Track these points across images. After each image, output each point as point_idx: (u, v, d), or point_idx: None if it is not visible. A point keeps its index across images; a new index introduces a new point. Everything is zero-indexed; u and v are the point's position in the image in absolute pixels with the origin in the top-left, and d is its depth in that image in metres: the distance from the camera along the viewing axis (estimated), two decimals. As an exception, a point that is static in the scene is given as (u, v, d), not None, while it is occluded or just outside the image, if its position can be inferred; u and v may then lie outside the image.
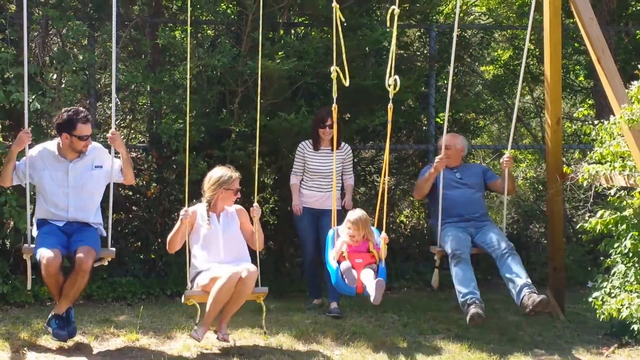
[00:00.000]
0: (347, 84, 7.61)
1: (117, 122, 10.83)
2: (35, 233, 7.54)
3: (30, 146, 7.53)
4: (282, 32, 9.96)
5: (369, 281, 7.50)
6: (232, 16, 10.19)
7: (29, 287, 7.68)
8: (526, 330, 8.32)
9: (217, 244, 7.63)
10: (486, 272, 10.25)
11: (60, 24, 9.50)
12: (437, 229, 8.57)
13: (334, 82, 7.62)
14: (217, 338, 7.49)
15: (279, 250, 10.37)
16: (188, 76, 7.94)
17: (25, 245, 7.53)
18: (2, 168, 7.52)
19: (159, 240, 9.91)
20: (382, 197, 7.93)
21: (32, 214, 7.64)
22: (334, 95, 7.66)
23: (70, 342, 7.53)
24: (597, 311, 7.30)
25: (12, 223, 9.28)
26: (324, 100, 10.02)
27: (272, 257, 10.27)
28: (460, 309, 8.01)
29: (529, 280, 7.92)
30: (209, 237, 7.63)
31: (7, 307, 8.89)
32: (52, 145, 7.62)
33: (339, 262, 7.68)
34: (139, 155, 10.51)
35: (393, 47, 7.60)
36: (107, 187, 7.76)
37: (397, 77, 7.55)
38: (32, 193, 7.63)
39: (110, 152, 7.68)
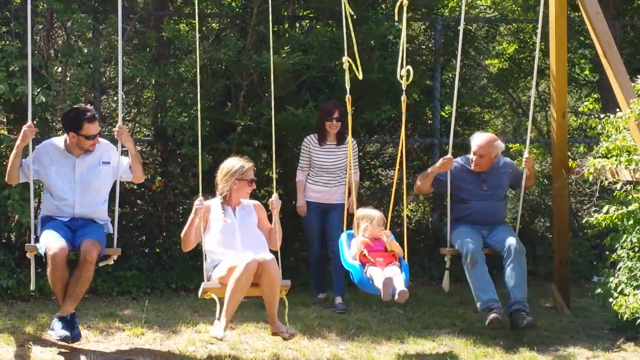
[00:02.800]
0: (360, 76, 7.41)
1: (122, 116, 10.85)
2: (39, 232, 7.39)
3: (36, 141, 7.51)
4: (287, 25, 9.93)
5: (397, 280, 7.25)
6: (237, 9, 10.17)
7: (32, 287, 7.48)
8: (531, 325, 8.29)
9: (234, 238, 7.20)
10: (490, 266, 10.22)
11: (65, 16, 9.49)
12: (446, 228, 8.36)
13: (347, 72, 7.42)
14: (284, 338, 7.08)
15: (284, 244, 10.28)
16: (198, 67, 7.70)
17: (29, 244, 7.33)
18: (9, 164, 7.38)
19: (164, 234, 9.92)
20: (395, 193, 8.02)
21: (36, 209, 7.62)
22: (347, 86, 7.41)
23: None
24: (618, 310, 7.23)
25: (16, 217, 9.28)
26: (329, 94, 10.02)
27: (276, 252, 10.24)
28: (480, 313, 7.93)
29: (525, 296, 7.86)
30: (225, 232, 7.22)
31: (12, 301, 8.90)
32: (59, 140, 7.53)
33: (361, 262, 7.41)
34: (143, 149, 10.50)
35: (403, 39, 7.46)
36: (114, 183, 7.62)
37: (409, 67, 7.37)
38: (36, 187, 7.63)
39: (117, 148, 7.56)
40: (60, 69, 9.61)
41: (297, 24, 10.71)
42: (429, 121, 10.93)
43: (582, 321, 8.52)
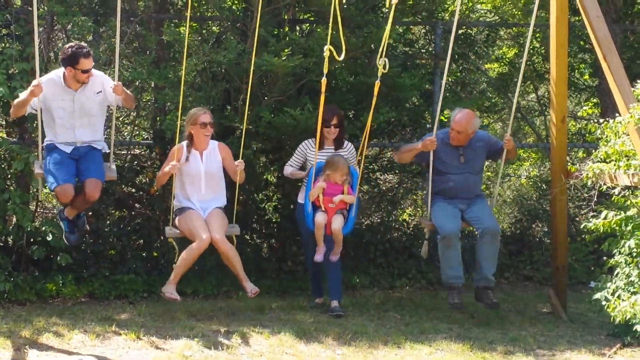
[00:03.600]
0: (341, 58, 7.57)
1: (121, 119, 10.87)
2: (45, 158, 8.09)
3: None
4: (287, 28, 9.93)
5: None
6: (238, 12, 10.16)
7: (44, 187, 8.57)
8: (528, 330, 8.29)
9: (199, 181, 8.45)
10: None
11: (65, 19, 9.50)
12: (427, 200, 8.74)
13: (326, 59, 7.68)
14: (249, 294, 8.31)
15: (282, 248, 10.35)
16: (186, 70, 7.89)
17: (37, 166, 8.17)
18: (16, 102, 7.97)
19: (162, 237, 9.90)
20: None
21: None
22: (325, 70, 7.78)
23: (71, 341, 7.53)
24: (612, 313, 7.21)
25: (14, 220, 9.28)
26: (329, 97, 9.96)
27: (274, 255, 10.27)
28: (444, 284, 8.61)
29: (493, 272, 8.49)
30: (191, 174, 8.44)
31: (9, 304, 8.90)
32: (57, 76, 8.08)
33: (314, 206, 8.48)
34: (142, 152, 10.50)
35: (386, 32, 7.63)
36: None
37: (386, 59, 7.71)
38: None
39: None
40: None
41: (298, 28, 10.70)
42: (427, 125, 10.91)
43: (579, 326, 8.51)
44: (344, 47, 7.55)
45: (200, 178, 8.46)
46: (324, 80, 7.83)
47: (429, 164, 8.62)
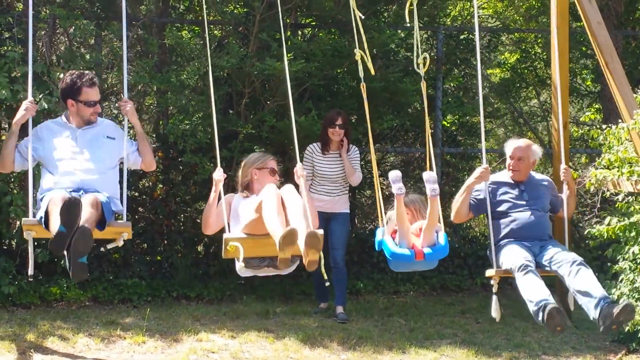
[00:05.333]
0: (373, 72, 7.39)
1: (123, 122, 10.82)
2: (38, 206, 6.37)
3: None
4: (289, 33, 9.94)
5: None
6: (240, 17, 10.17)
7: (30, 272, 6.40)
8: (533, 336, 8.30)
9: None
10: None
11: (68, 23, 9.49)
12: (491, 249, 7.16)
13: (359, 63, 7.27)
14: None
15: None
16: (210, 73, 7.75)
17: (26, 218, 6.29)
18: (4, 146, 6.50)
19: (165, 241, 9.91)
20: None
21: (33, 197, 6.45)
22: (361, 75, 7.25)
23: (76, 344, 7.53)
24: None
25: (18, 223, 9.27)
26: (331, 102, 10.02)
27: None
28: (534, 319, 6.65)
29: (604, 292, 6.66)
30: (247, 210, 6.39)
31: (13, 308, 8.89)
32: (58, 118, 6.72)
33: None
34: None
35: (416, 32, 7.71)
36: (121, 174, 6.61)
37: (426, 54, 7.44)
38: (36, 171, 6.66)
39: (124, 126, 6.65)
40: (62, 75, 9.58)
41: (300, 32, 10.71)
42: (430, 130, 10.91)
43: (584, 333, 8.51)
44: (369, 59, 7.44)
45: None
46: (363, 84, 7.32)
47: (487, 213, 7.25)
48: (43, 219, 6.04)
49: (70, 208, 5.67)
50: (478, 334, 8.32)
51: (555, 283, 7.79)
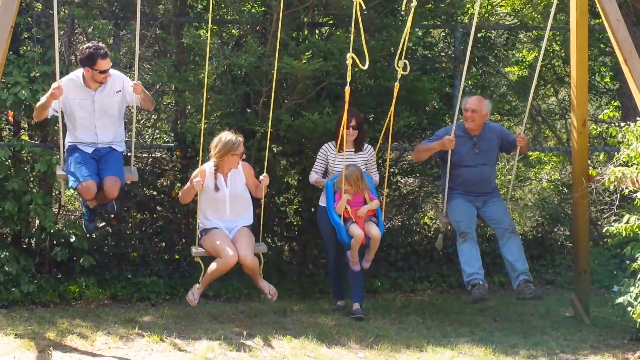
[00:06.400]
0: (365, 67, 7.81)
1: (142, 122, 10.89)
2: (66, 159, 8.14)
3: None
4: (306, 32, 9.94)
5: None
6: (257, 16, 10.18)
7: (62, 200, 8.75)
8: (551, 334, 8.27)
9: (224, 205, 8.37)
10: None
11: (86, 22, 9.55)
12: (444, 195, 8.84)
13: (349, 67, 7.78)
14: (268, 298, 8.40)
15: (303, 251, 10.37)
16: (209, 74, 7.84)
17: (59, 169, 8.23)
18: (38, 105, 8.04)
19: (183, 240, 9.95)
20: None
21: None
22: (348, 79, 7.88)
23: (95, 342, 7.57)
24: (635, 318, 7.20)
25: (37, 222, 9.33)
26: (350, 100, 10.00)
27: (295, 259, 10.28)
28: (466, 285, 8.41)
29: (527, 267, 8.43)
30: (216, 199, 8.35)
31: (32, 306, 8.96)
32: (76, 76, 8.16)
33: (344, 220, 8.43)
34: (163, 155, 10.54)
35: (406, 32, 7.86)
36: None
37: (406, 61, 7.97)
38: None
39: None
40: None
41: (317, 31, 10.71)
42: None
43: (602, 331, 8.47)
44: (367, 56, 7.58)
45: (225, 202, 8.38)
46: (347, 89, 7.93)
47: (444, 160, 8.76)
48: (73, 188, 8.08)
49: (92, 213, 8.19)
50: (496, 332, 8.30)
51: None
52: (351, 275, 8.75)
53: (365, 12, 7.76)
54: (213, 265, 8.16)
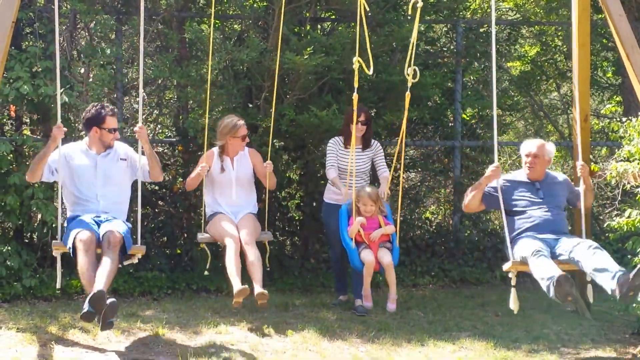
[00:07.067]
0: (370, 72, 7.76)
1: (144, 117, 10.88)
2: (65, 231, 7.62)
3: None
4: (308, 27, 9.94)
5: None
6: (259, 11, 10.18)
7: (58, 285, 7.67)
8: (552, 328, 8.27)
9: (230, 188, 8.51)
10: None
11: (88, 17, 9.56)
12: (506, 244, 7.61)
13: (356, 72, 7.75)
14: (256, 298, 7.94)
15: (305, 245, 10.37)
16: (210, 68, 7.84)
17: (55, 240, 7.60)
18: (35, 163, 7.63)
19: (185, 235, 9.97)
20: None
21: (61, 210, 7.75)
22: (355, 85, 7.84)
23: (97, 337, 7.58)
24: (637, 312, 7.20)
25: (39, 216, 9.34)
26: (351, 95, 10.00)
27: (297, 253, 10.29)
28: (547, 295, 6.97)
29: (620, 267, 7.02)
30: (222, 182, 8.49)
31: (34, 300, 8.97)
32: (80, 143, 7.95)
33: (357, 243, 8.26)
34: (165, 150, 10.54)
35: (414, 37, 7.71)
36: (135, 185, 8.00)
37: (416, 67, 7.78)
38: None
39: (138, 149, 7.90)
40: (83, 70, 9.66)
41: (319, 26, 10.71)
42: (450, 123, 10.92)
43: (603, 325, 8.47)
44: (371, 60, 7.55)
45: (232, 185, 8.52)
46: (355, 95, 7.89)
47: (501, 209, 7.66)
48: (71, 251, 7.34)
49: (97, 298, 6.85)
50: (497, 326, 8.30)
51: (575, 275, 7.82)
52: (354, 271, 8.76)
53: (370, 14, 7.68)
54: (226, 261, 8.12)
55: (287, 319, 8.35)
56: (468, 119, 11.13)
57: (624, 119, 7.58)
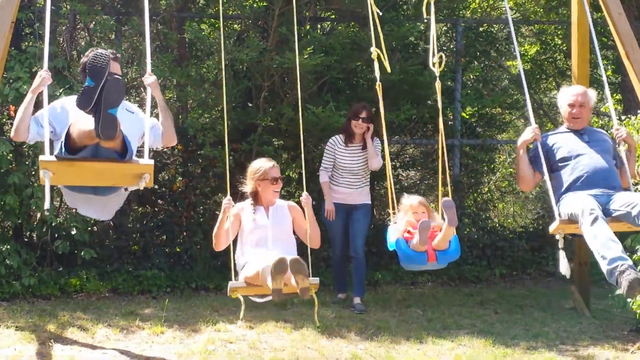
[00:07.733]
0: (389, 69, 7.20)
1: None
2: None
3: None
4: (308, 27, 9.96)
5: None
6: (259, 11, 10.20)
7: (47, 206, 5.55)
8: (551, 326, 8.28)
9: (266, 237, 6.85)
10: (511, 267, 10.25)
11: (88, 18, 9.58)
12: (552, 203, 6.55)
13: (375, 62, 7.08)
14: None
15: (304, 244, 10.34)
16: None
17: (42, 156, 5.51)
18: (18, 114, 6.04)
19: (184, 233, 9.98)
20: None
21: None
22: (377, 75, 7.04)
23: (95, 335, 7.58)
24: (635, 309, 7.21)
25: (38, 215, 9.36)
26: (350, 95, 10.04)
27: (297, 251, 10.26)
28: (606, 277, 5.99)
29: None
30: (256, 232, 6.85)
31: (33, 299, 8.99)
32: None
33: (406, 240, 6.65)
34: (165, 149, 10.55)
35: (433, 31, 7.34)
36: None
37: (442, 54, 7.12)
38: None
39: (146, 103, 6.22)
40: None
41: (319, 26, 10.73)
42: (449, 122, 10.92)
43: (602, 322, 8.49)
44: (385, 57, 7.35)
45: (267, 232, 6.87)
46: (378, 84, 7.06)
47: (542, 167, 6.64)
48: (64, 145, 5.48)
49: (98, 60, 5.26)
50: (496, 324, 8.31)
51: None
52: (354, 269, 8.78)
53: (380, 15, 7.56)
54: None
55: (285, 317, 8.35)
56: (468, 117, 11.14)
57: (623, 117, 7.57)
